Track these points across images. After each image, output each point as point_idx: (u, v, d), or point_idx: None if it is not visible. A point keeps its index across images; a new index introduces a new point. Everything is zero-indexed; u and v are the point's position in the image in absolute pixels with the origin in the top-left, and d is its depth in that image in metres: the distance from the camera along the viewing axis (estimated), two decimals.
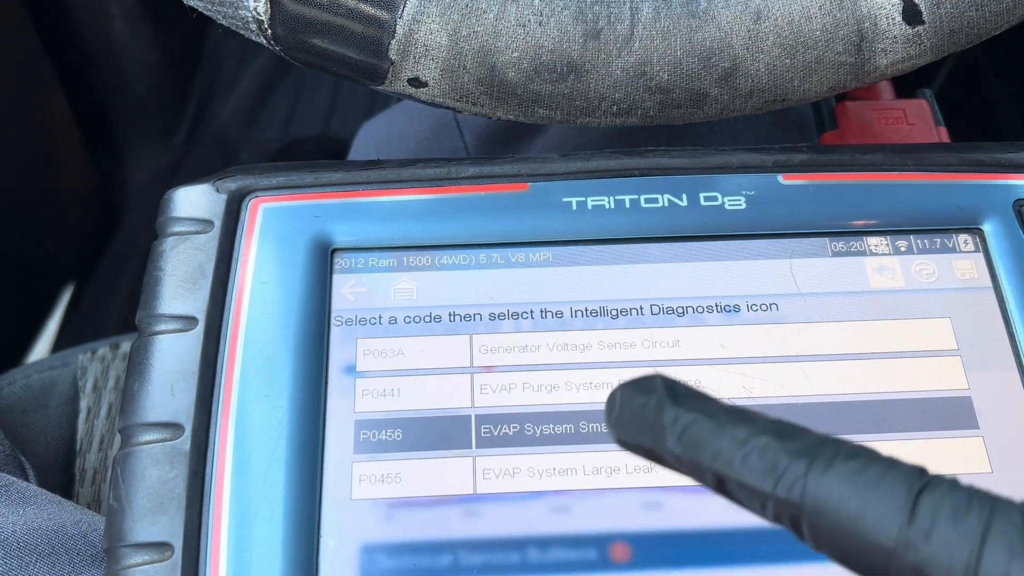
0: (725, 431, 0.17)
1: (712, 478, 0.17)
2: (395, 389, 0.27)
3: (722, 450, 0.17)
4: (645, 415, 0.18)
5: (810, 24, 0.28)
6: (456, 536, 0.25)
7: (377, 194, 0.30)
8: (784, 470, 0.17)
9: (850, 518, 0.16)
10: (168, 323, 0.27)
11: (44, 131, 0.70)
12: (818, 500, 0.16)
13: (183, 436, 0.26)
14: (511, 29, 0.26)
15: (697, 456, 0.18)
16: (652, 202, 0.30)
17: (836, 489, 0.16)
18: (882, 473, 0.16)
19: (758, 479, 0.17)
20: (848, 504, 0.16)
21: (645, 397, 0.18)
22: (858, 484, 0.16)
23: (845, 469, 0.16)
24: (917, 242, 0.30)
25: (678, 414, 0.18)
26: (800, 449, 0.17)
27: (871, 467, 0.16)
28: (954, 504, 0.16)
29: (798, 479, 0.16)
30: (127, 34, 0.76)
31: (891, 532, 0.16)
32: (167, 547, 0.24)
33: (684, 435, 0.18)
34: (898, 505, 0.16)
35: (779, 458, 0.17)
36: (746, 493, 0.17)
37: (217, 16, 0.28)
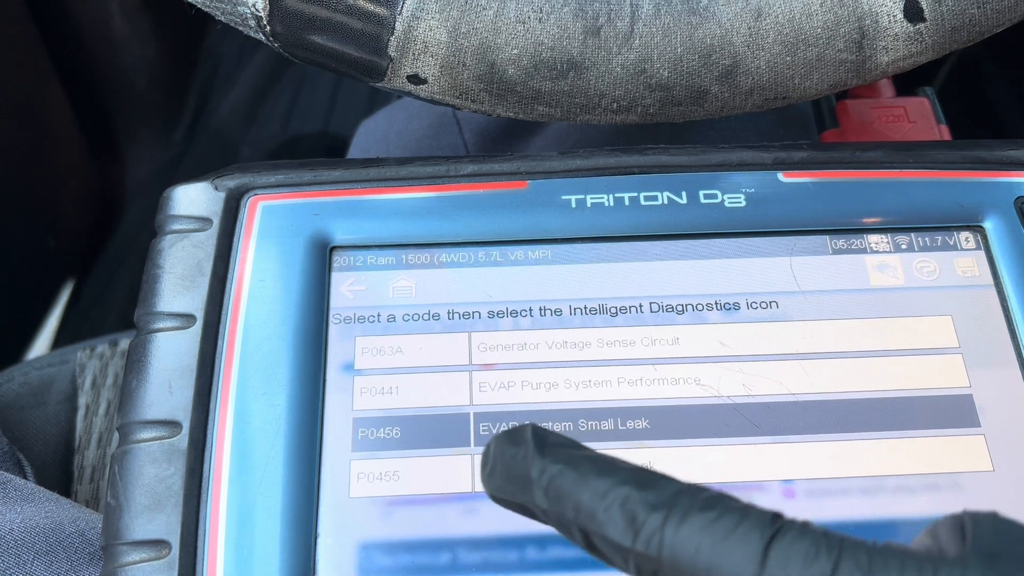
0: (588, 483, 0.18)
1: (578, 532, 0.18)
2: (393, 387, 0.27)
3: (584, 503, 0.18)
4: (514, 468, 0.19)
5: (811, 21, 0.28)
6: (454, 534, 0.25)
7: (376, 192, 0.29)
8: (642, 524, 0.17)
9: (705, 569, 0.16)
10: (166, 321, 0.27)
11: (43, 127, 0.70)
12: (675, 553, 0.17)
13: (181, 434, 0.26)
14: (511, 26, 0.26)
15: (562, 509, 0.18)
16: (652, 200, 0.30)
17: (691, 541, 0.17)
18: (736, 523, 0.17)
19: (618, 533, 0.17)
20: (702, 556, 0.16)
21: (515, 449, 0.19)
22: (712, 535, 0.17)
23: (700, 521, 0.17)
24: (918, 240, 0.30)
25: (544, 466, 0.18)
26: (658, 502, 0.17)
27: (725, 517, 0.17)
28: (804, 549, 0.16)
29: (655, 532, 0.17)
30: (126, 30, 0.76)
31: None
32: (164, 545, 0.24)
33: (549, 488, 0.18)
34: (750, 554, 0.16)
35: (638, 511, 0.17)
36: (609, 548, 0.18)
37: (216, 13, 0.28)
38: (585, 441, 0.26)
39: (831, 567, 0.16)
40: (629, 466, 0.18)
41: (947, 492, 0.26)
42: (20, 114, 0.66)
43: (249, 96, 0.85)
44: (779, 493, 0.26)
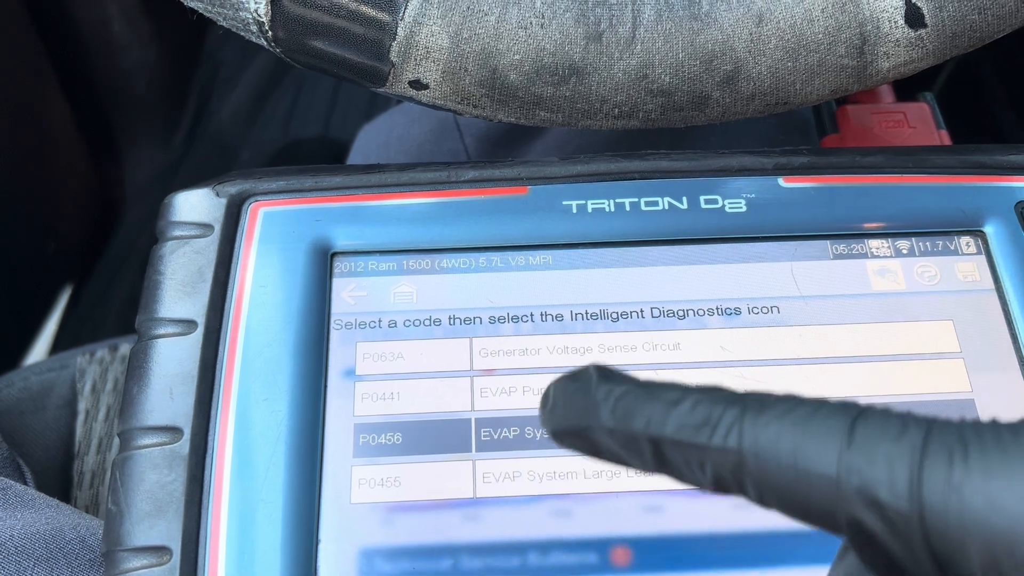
0: (657, 396, 0.17)
1: (648, 446, 0.17)
2: (395, 392, 0.27)
3: (655, 413, 0.17)
4: (577, 398, 0.18)
5: (812, 27, 0.28)
6: (456, 540, 0.25)
7: (377, 198, 0.29)
8: (719, 419, 0.17)
9: (790, 454, 0.16)
10: (168, 327, 0.27)
11: (43, 130, 0.70)
12: (756, 442, 0.16)
13: (182, 440, 0.26)
14: (513, 31, 0.26)
15: (631, 424, 0.17)
16: (652, 205, 0.30)
17: (772, 427, 0.16)
18: (815, 408, 0.16)
19: (693, 433, 0.17)
20: (785, 442, 0.16)
21: (577, 383, 0.18)
22: (794, 419, 0.16)
23: (779, 408, 0.16)
24: (919, 244, 0.30)
25: (610, 388, 0.18)
26: (732, 398, 0.17)
27: (803, 405, 0.16)
28: (891, 425, 0.16)
29: (733, 425, 0.16)
30: (126, 33, 0.76)
31: (831, 459, 0.16)
32: (165, 551, 0.24)
33: (617, 407, 0.18)
34: (836, 432, 0.16)
35: (712, 409, 0.17)
36: (683, 454, 0.17)
37: (217, 18, 0.28)
38: None
39: (921, 439, 0.15)
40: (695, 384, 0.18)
41: None
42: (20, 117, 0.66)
43: (249, 100, 0.85)
44: None
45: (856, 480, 0.15)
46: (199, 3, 0.27)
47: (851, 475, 0.15)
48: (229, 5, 0.27)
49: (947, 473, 0.15)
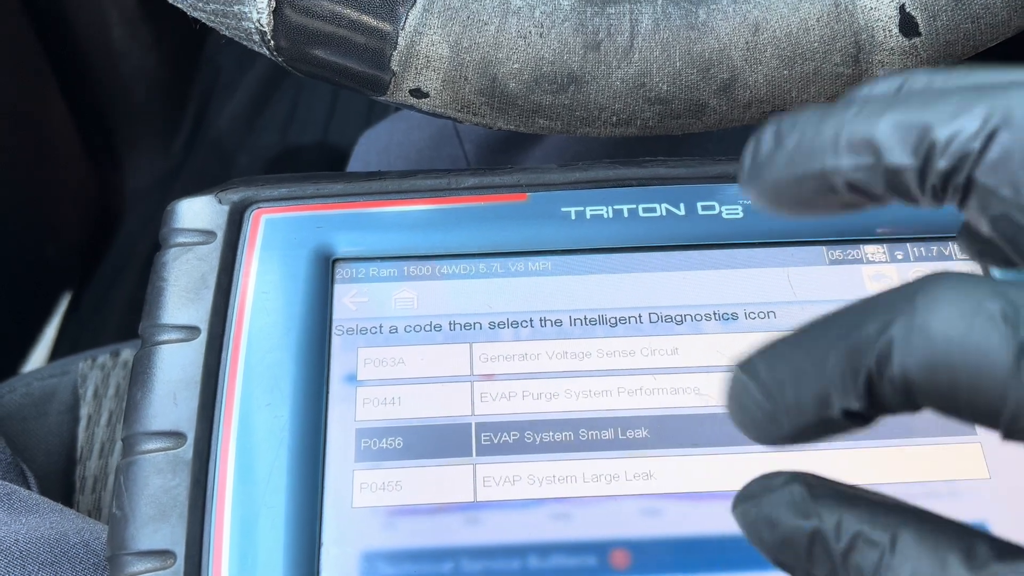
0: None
1: (880, 179, 0.16)
2: (396, 397, 0.27)
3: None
4: (814, 143, 0.17)
5: (808, 36, 0.28)
6: (457, 543, 0.26)
7: (378, 205, 0.30)
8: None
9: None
10: (171, 333, 0.28)
11: (43, 136, 0.70)
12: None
13: (185, 445, 0.26)
14: (512, 41, 0.27)
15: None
16: (650, 211, 0.30)
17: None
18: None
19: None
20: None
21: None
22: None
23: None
24: (913, 250, 0.30)
25: (841, 121, 0.16)
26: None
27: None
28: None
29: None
30: (126, 39, 0.76)
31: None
32: (169, 555, 0.25)
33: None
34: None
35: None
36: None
37: (220, 27, 0.28)
38: (587, 451, 0.27)
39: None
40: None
41: (945, 499, 0.26)
42: (20, 123, 0.67)
43: (248, 105, 0.85)
44: None
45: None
46: (203, 13, 0.28)
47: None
48: (232, 15, 0.27)
49: None
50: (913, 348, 0.15)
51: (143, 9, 0.75)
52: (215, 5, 0.27)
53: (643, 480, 0.26)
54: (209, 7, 0.27)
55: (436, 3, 0.27)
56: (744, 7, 0.28)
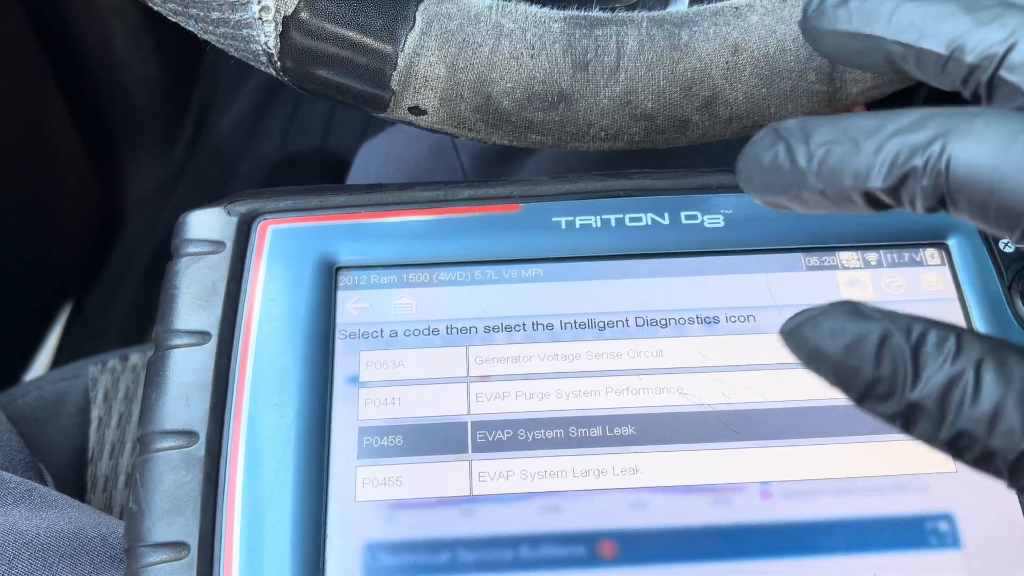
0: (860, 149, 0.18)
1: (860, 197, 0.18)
2: (396, 398, 0.29)
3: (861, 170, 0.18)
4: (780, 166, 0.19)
5: (784, 56, 0.29)
6: (453, 535, 0.27)
7: (378, 216, 0.31)
8: (925, 150, 0.17)
9: (997, 177, 0.17)
10: (183, 338, 0.29)
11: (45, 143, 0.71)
12: (960, 164, 0.17)
13: (198, 443, 0.27)
14: (505, 61, 0.28)
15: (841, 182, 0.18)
16: (636, 221, 0.31)
17: (975, 152, 0.17)
18: (1015, 133, 0.17)
19: (905, 164, 0.17)
20: (990, 167, 0.17)
21: (773, 150, 0.19)
22: (998, 143, 0.17)
23: (985, 131, 0.17)
24: (886, 256, 0.31)
25: (811, 153, 0.19)
26: (932, 130, 0.17)
27: (1006, 124, 0.17)
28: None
29: (939, 155, 0.17)
30: (128, 49, 0.77)
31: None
32: (184, 546, 0.26)
33: (822, 169, 0.18)
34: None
35: (916, 144, 0.17)
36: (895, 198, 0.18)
37: (229, 49, 0.29)
38: (576, 448, 0.28)
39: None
40: (887, 113, 0.18)
41: (913, 492, 0.28)
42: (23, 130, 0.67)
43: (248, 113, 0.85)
44: (757, 494, 0.28)
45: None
46: (212, 36, 0.29)
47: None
48: (240, 38, 0.28)
49: None
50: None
51: (145, 19, 0.76)
52: (224, 28, 0.28)
53: (630, 475, 0.28)
54: (219, 30, 0.28)
55: (434, 26, 0.28)
56: (724, 29, 0.29)
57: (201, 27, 0.29)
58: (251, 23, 0.28)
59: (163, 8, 0.28)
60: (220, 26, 0.28)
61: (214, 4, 0.27)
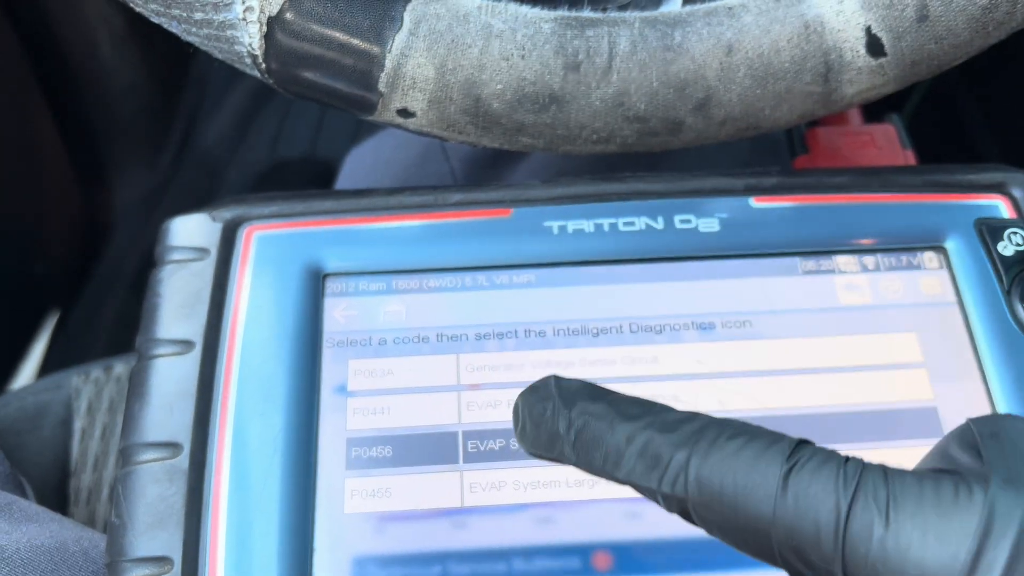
0: (614, 431, 0.19)
1: (611, 478, 0.19)
2: (385, 407, 0.28)
3: (610, 453, 0.18)
4: (544, 425, 0.20)
5: (779, 56, 0.29)
6: (445, 548, 0.26)
7: (366, 221, 0.31)
8: (667, 465, 0.18)
9: (731, 506, 0.17)
10: (166, 347, 0.28)
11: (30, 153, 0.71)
12: (701, 488, 0.17)
13: (182, 454, 0.27)
14: (495, 63, 0.28)
15: (591, 461, 0.19)
16: (629, 225, 0.31)
17: (715, 478, 0.17)
18: (756, 455, 0.17)
19: (644, 478, 0.18)
20: (727, 493, 0.17)
21: (543, 405, 0.20)
22: (734, 470, 0.17)
23: (720, 456, 0.18)
24: (884, 260, 0.31)
25: (571, 420, 0.19)
26: (680, 440, 0.18)
27: (746, 449, 0.18)
28: (821, 482, 0.17)
29: (679, 473, 0.18)
30: (115, 58, 0.77)
31: (767, 511, 0.17)
32: (167, 561, 0.25)
33: (577, 442, 0.19)
34: (770, 488, 0.17)
35: (662, 453, 0.18)
36: (640, 490, 0.18)
37: (213, 51, 0.29)
38: None
39: (847, 503, 0.17)
40: (653, 407, 0.19)
41: None
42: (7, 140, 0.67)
43: (236, 121, 0.85)
44: None
45: (787, 535, 0.17)
46: (196, 37, 0.28)
47: (783, 530, 0.17)
48: (224, 39, 0.28)
49: (868, 534, 0.16)
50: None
51: (132, 27, 0.75)
52: (208, 30, 0.28)
53: None
54: (202, 32, 0.28)
55: (422, 26, 0.28)
56: (718, 29, 0.29)
57: (184, 28, 0.28)
58: (235, 24, 0.27)
59: (144, 9, 0.28)
60: (203, 27, 0.28)
61: (197, 4, 0.27)
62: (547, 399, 0.20)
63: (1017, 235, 0.31)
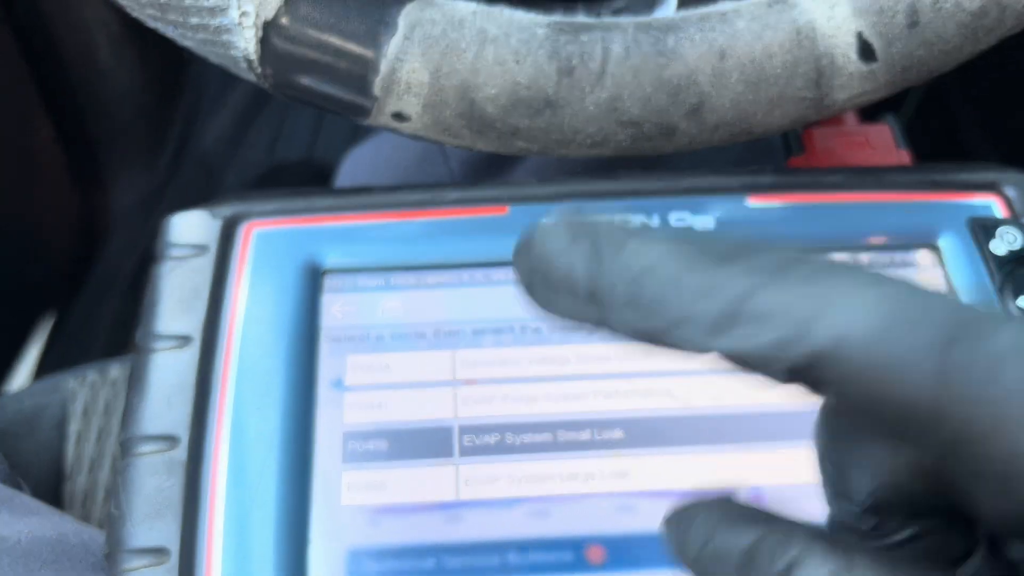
0: (698, 277, 0.14)
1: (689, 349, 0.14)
2: (382, 402, 0.29)
3: (693, 316, 0.14)
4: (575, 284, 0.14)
5: (771, 62, 0.29)
6: (439, 540, 0.27)
7: (364, 218, 0.31)
8: (789, 322, 0.13)
9: (884, 371, 0.13)
10: (166, 341, 0.29)
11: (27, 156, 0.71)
12: (843, 353, 0.13)
13: (180, 447, 0.27)
14: (489, 67, 0.28)
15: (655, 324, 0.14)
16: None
17: (864, 336, 0.13)
18: (919, 313, 0.13)
19: (753, 343, 0.13)
20: (878, 358, 0.13)
21: (571, 250, 0.15)
22: (892, 327, 0.13)
23: (875, 303, 0.13)
24: (878, 258, 0.31)
25: (623, 269, 0.14)
26: (801, 287, 0.13)
27: (911, 294, 0.13)
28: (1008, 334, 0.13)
29: (810, 333, 0.13)
30: (112, 60, 0.77)
31: (935, 394, 0.13)
32: (164, 552, 0.26)
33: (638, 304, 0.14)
34: (934, 353, 0.13)
35: (773, 308, 0.13)
36: (741, 359, 0.14)
37: (209, 55, 0.29)
38: (564, 452, 0.28)
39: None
40: (739, 246, 0.14)
41: None
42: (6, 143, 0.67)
43: (234, 123, 0.85)
44: (748, 498, 0.27)
45: (966, 430, 0.13)
46: (191, 42, 0.29)
47: (960, 422, 0.13)
48: (220, 44, 0.28)
49: None
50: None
51: (129, 30, 0.76)
52: (203, 35, 0.28)
53: (618, 479, 0.28)
54: (198, 36, 0.28)
55: (416, 31, 0.28)
56: (710, 35, 0.29)
57: (180, 33, 0.29)
58: (231, 29, 0.27)
59: (141, 14, 0.28)
60: (199, 32, 0.28)
61: (192, 10, 0.27)
62: (577, 239, 0.14)
63: (1010, 234, 0.31)
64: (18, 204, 0.69)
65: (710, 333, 0.14)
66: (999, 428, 0.13)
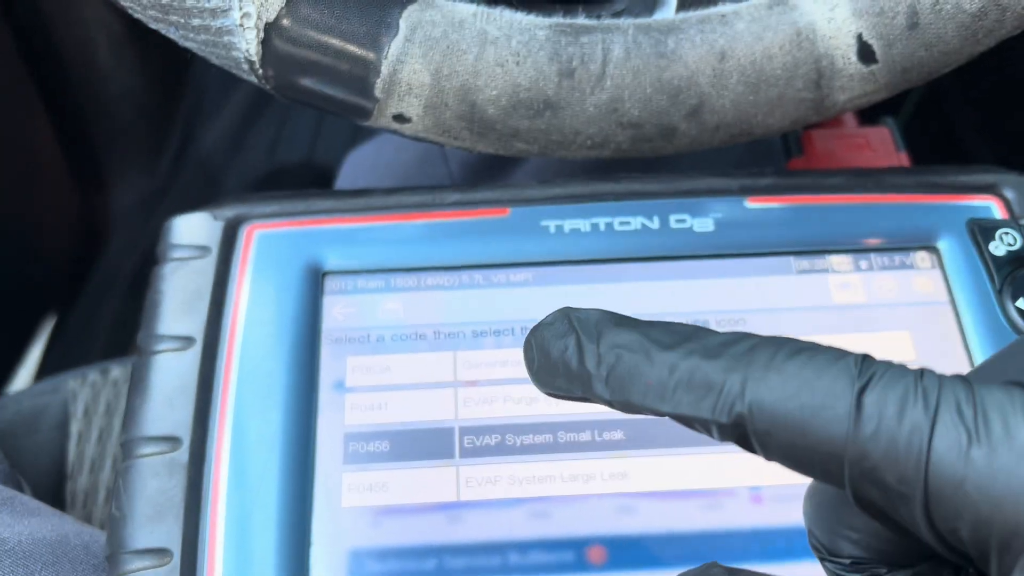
0: (652, 362, 0.16)
1: (654, 412, 0.17)
2: (382, 403, 0.29)
3: (651, 386, 0.16)
4: (566, 363, 0.17)
5: (771, 63, 0.29)
6: (441, 541, 0.27)
7: (366, 220, 0.31)
8: (720, 392, 0.16)
9: (796, 424, 0.15)
10: (168, 343, 0.29)
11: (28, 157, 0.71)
12: (761, 413, 0.15)
13: (181, 448, 0.27)
14: (490, 69, 0.28)
15: (628, 397, 0.17)
16: (625, 225, 0.31)
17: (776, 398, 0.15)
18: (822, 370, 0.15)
19: (695, 408, 0.16)
20: (791, 412, 0.15)
21: (562, 341, 0.18)
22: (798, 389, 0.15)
23: (783, 373, 0.15)
24: (878, 260, 0.32)
25: (600, 356, 0.17)
26: (731, 364, 0.16)
27: (809, 365, 0.15)
28: (901, 387, 0.15)
29: (735, 399, 0.16)
30: (112, 62, 0.77)
31: (839, 428, 0.15)
32: (166, 553, 0.26)
33: (610, 378, 0.17)
34: (844, 399, 0.15)
35: (712, 379, 0.16)
36: (689, 422, 0.16)
37: (210, 56, 0.29)
38: (565, 453, 0.28)
39: (930, 420, 0.15)
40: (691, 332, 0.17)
41: None
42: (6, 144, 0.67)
43: (234, 125, 0.85)
44: (747, 499, 0.28)
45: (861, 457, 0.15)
46: (193, 43, 0.29)
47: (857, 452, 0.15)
48: (222, 45, 0.28)
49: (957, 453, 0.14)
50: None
51: (130, 31, 0.76)
52: (205, 36, 0.28)
53: (618, 480, 0.28)
54: (200, 38, 0.28)
55: (417, 33, 0.28)
56: (711, 36, 0.29)
57: (181, 34, 0.29)
58: (232, 30, 0.27)
59: (143, 15, 0.28)
60: (201, 33, 0.28)
61: (195, 11, 0.27)
62: (566, 334, 0.18)
63: (1008, 235, 0.31)
64: (18, 204, 0.69)
65: (663, 402, 0.17)
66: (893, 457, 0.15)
